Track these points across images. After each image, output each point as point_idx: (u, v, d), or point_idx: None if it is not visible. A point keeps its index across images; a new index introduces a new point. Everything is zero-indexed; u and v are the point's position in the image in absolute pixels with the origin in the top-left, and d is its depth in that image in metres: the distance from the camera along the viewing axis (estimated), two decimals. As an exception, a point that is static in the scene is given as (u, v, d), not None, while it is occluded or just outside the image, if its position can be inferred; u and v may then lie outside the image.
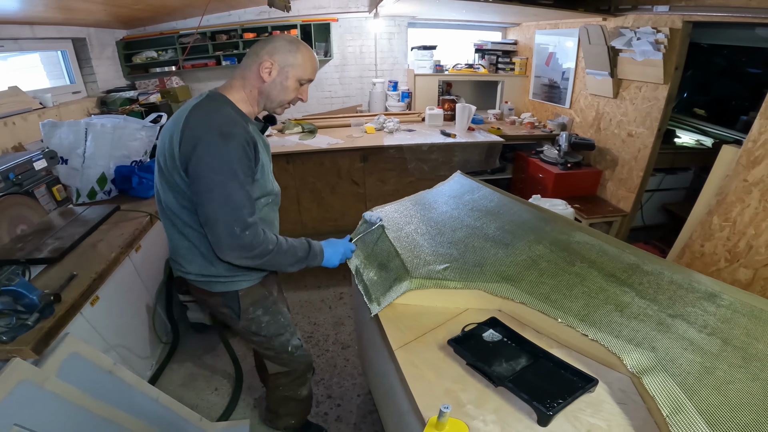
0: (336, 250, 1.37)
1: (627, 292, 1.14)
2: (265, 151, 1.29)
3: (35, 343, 1.11)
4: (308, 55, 1.25)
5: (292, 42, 1.23)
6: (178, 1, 2.83)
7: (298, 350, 1.57)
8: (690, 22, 2.44)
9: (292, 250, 1.24)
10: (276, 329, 1.46)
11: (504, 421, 0.90)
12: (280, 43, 1.21)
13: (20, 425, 1.06)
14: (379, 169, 3.31)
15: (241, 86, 1.22)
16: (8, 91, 2.36)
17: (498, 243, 1.38)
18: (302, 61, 1.22)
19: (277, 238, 1.22)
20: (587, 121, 3.43)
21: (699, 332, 1.02)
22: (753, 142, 1.98)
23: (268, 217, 1.34)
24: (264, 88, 1.22)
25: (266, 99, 1.25)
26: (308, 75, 1.26)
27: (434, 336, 1.13)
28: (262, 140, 1.30)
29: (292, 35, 1.28)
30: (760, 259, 1.94)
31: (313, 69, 1.27)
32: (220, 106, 1.15)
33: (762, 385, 0.90)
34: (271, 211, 1.38)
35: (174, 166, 1.11)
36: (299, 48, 1.23)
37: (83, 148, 1.86)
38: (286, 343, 1.51)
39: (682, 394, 0.88)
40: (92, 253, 1.42)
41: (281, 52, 1.20)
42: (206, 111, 1.11)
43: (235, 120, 1.13)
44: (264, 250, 1.16)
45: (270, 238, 1.18)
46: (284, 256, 1.23)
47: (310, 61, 1.25)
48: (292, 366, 1.58)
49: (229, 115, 1.13)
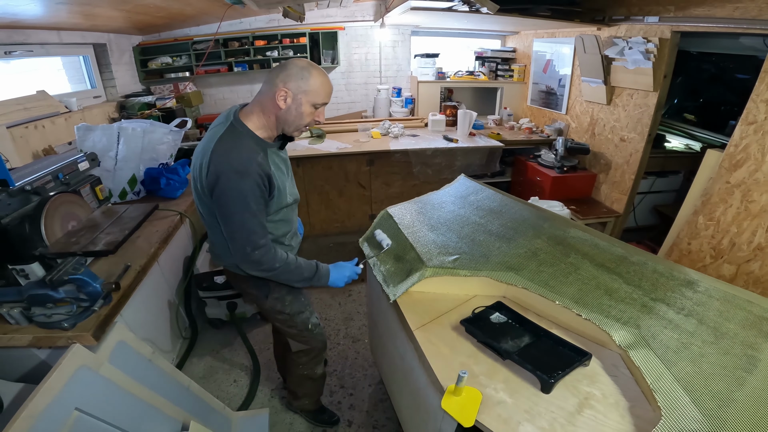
0: (342, 273, 1.48)
1: (615, 279, 1.29)
2: (281, 170, 1.41)
3: (95, 329, 1.22)
4: (321, 80, 1.29)
5: (305, 68, 1.27)
6: (195, 10, 2.96)
7: (317, 328, 1.73)
8: (678, 32, 2.58)
9: (298, 270, 1.40)
10: (298, 307, 1.63)
11: (512, 389, 1.05)
12: (294, 70, 1.26)
13: (80, 409, 1.12)
14: (385, 173, 3.46)
15: (261, 112, 1.31)
16: (37, 96, 2.50)
17: (501, 238, 1.54)
18: (315, 87, 1.28)
19: (286, 257, 1.38)
20: (582, 127, 3.58)
21: (677, 313, 1.17)
22: (735, 146, 2.14)
23: (287, 217, 1.50)
24: (280, 114, 1.30)
25: (284, 124, 1.33)
26: (322, 99, 1.31)
27: (448, 318, 1.28)
28: (279, 160, 1.41)
29: (305, 61, 1.31)
30: (742, 255, 2.10)
31: (326, 93, 1.32)
32: (240, 141, 1.27)
33: (732, 358, 1.05)
34: (291, 212, 1.53)
35: (203, 190, 1.29)
36: (311, 74, 1.27)
37: (116, 150, 2.00)
38: (306, 321, 1.67)
39: (662, 365, 1.04)
40: (134, 248, 1.57)
41: (294, 80, 1.26)
42: (227, 149, 1.25)
43: (250, 158, 1.25)
44: (270, 267, 1.35)
45: (278, 258, 1.35)
46: (290, 274, 1.40)
47: (323, 87, 1.29)
48: (311, 343, 1.74)
49: (246, 152, 1.26)
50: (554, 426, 0.94)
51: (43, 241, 1.28)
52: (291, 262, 1.39)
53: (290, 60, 1.31)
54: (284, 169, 1.45)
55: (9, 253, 1.24)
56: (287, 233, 1.55)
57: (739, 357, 1.05)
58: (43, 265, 1.28)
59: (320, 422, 2.02)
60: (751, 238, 2.05)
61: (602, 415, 0.97)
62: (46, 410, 1.00)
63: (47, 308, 1.17)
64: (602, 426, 0.95)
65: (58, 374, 1.06)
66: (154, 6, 2.55)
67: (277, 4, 2.84)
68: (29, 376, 1.36)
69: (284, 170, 1.45)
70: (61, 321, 1.18)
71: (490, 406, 1.00)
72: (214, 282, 2.41)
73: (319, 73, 1.29)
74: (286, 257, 1.38)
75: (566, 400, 1.01)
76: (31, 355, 1.35)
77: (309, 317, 1.69)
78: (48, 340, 1.19)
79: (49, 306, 1.17)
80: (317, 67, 1.30)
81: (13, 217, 1.25)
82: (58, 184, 1.52)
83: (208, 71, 3.98)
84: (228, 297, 2.50)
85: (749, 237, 2.06)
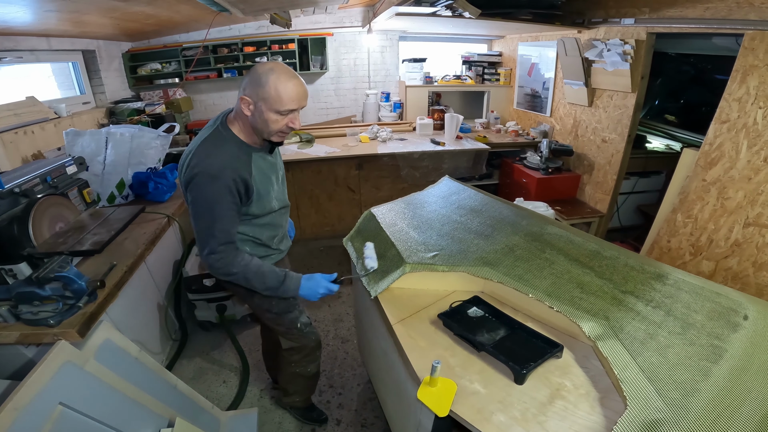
0: (315, 288, 1.42)
1: (588, 273, 1.34)
2: (266, 175, 1.40)
3: (80, 326, 1.24)
4: (280, 87, 1.22)
5: (264, 74, 1.22)
6: (184, 17, 3.00)
7: (307, 327, 1.73)
8: (653, 34, 2.65)
9: (260, 278, 1.37)
10: (285, 307, 1.63)
11: (486, 380, 1.08)
12: (254, 77, 1.23)
13: (64, 404, 1.14)
14: (374, 177, 3.49)
15: (239, 118, 1.32)
16: (26, 102, 2.51)
17: (480, 235, 1.58)
18: (272, 94, 1.22)
19: (248, 263, 1.35)
20: (566, 129, 3.65)
21: (646, 305, 1.22)
22: (709, 145, 2.21)
23: (274, 222, 1.52)
24: (249, 121, 1.29)
25: (257, 130, 1.31)
26: (284, 106, 1.24)
27: (426, 313, 1.32)
28: (266, 165, 1.41)
29: (269, 64, 1.25)
30: (720, 251, 2.16)
31: (289, 99, 1.24)
32: (221, 145, 1.28)
33: (697, 349, 1.08)
34: (279, 217, 1.54)
35: (183, 189, 1.31)
36: (268, 80, 1.21)
37: (104, 155, 2.03)
38: (295, 320, 1.67)
39: (629, 355, 1.07)
40: (121, 249, 1.60)
41: (253, 86, 1.23)
42: (207, 151, 1.27)
43: (225, 163, 1.25)
44: (226, 272, 1.33)
45: (237, 263, 1.32)
46: (251, 282, 1.37)
47: (284, 92, 1.22)
48: (302, 341, 1.74)
49: (223, 157, 1.26)
50: (526, 416, 0.97)
51: (30, 242, 1.31)
52: (251, 269, 1.35)
53: (256, 64, 1.28)
54: (271, 175, 1.44)
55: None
56: (274, 237, 1.57)
57: (704, 347, 1.08)
58: (31, 265, 1.31)
59: (309, 420, 2.04)
60: (728, 235, 2.11)
61: (572, 405, 1.00)
62: (30, 404, 1.02)
63: (34, 306, 1.19)
64: (572, 416, 0.97)
65: (43, 369, 1.08)
66: (143, 13, 2.59)
67: (263, 12, 2.89)
68: (17, 374, 1.38)
69: (271, 175, 1.44)
70: (48, 318, 1.20)
71: (465, 397, 1.03)
72: (203, 285, 2.43)
73: (279, 78, 1.22)
74: (248, 263, 1.35)
75: (538, 391, 1.04)
76: (18, 354, 1.37)
77: (298, 317, 1.69)
78: (34, 337, 1.22)
79: (35, 303, 1.19)
80: (279, 71, 1.23)
81: (2, 218, 1.28)
82: (47, 187, 1.54)
83: (197, 77, 4.02)
84: (217, 299, 2.52)
85: (726, 233, 2.12)
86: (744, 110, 2.06)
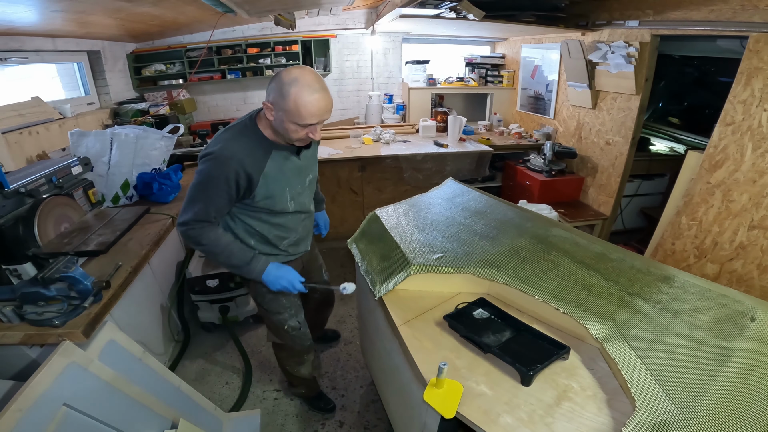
0: (279, 278, 1.45)
1: (594, 275, 1.33)
2: (285, 175, 1.41)
3: (85, 326, 1.24)
4: (300, 102, 1.20)
5: (289, 84, 1.20)
6: (188, 18, 3.01)
7: (295, 331, 1.75)
8: (658, 36, 2.64)
9: (226, 254, 1.40)
10: (276, 307, 1.67)
11: (493, 381, 1.08)
12: (278, 85, 1.22)
13: (68, 404, 1.14)
14: (377, 179, 3.49)
15: (266, 118, 1.33)
16: (31, 102, 2.52)
17: (485, 237, 1.58)
18: (293, 107, 1.21)
19: (217, 238, 1.38)
20: (569, 131, 3.64)
21: (653, 307, 1.21)
22: (714, 147, 2.20)
23: (287, 224, 1.53)
24: (272, 124, 1.32)
25: (278, 135, 1.34)
26: (303, 121, 1.23)
27: (431, 315, 1.31)
28: (288, 164, 1.41)
29: (296, 72, 1.22)
30: (725, 254, 2.15)
31: (309, 114, 1.22)
32: (240, 137, 1.33)
33: (705, 351, 1.08)
34: (294, 221, 1.55)
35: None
36: (290, 93, 1.20)
37: (109, 156, 2.03)
38: (282, 322, 1.71)
39: (636, 357, 1.07)
40: (125, 250, 1.60)
41: (275, 94, 1.23)
42: (226, 138, 1.33)
43: (234, 154, 1.29)
44: (196, 242, 1.37)
45: (207, 236, 1.36)
46: (218, 256, 1.40)
47: (305, 107, 1.20)
48: (287, 342, 1.78)
49: (236, 148, 1.30)
50: (533, 417, 0.97)
51: (36, 242, 1.31)
52: (220, 245, 1.38)
53: (281, 71, 1.24)
54: (292, 176, 1.45)
55: (2, 253, 1.27)
56: (284, 239, 1.56)
57: (712, 349, 1.07)
58: (36, 266, 1.31)
59: (316, 408, 2.09)
60: (732, 237, 2.10)
61: (580, 407, 1.00)
62: (34, 405, 1.02)
63: (39, 306, 1.19)
64: (579, 417, 0.97)
65: (47, 370, 1.08)
66: (148, 14, 2.59)
67: (268, 13, 2.89)
68: (20, 375, 1.38)
69: (291, 177, 1.44)
70: (52, 318, 1.20)
71: (471, 398, 1.02)
72: (206, 286, 2.44)
73: (301, 91, 1.20)
74: (217, 238, 1.38)
75: (545, 393, 1.04)
76: (22, 354, 1.37)
77: (286, 319, 1.71)
78: (39, 337, 1.21)
79: (40, 304, 1.19)
80: (302, 84, 1.20)
81: (7, 218, 1.28)
82: (52, 187, 1.54)
83: (201, 78, 4.03)
84: (220, 300, 2.52)
85: (731, 236, 2.11)
86: (749, 113, 2.05)
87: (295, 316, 1.74)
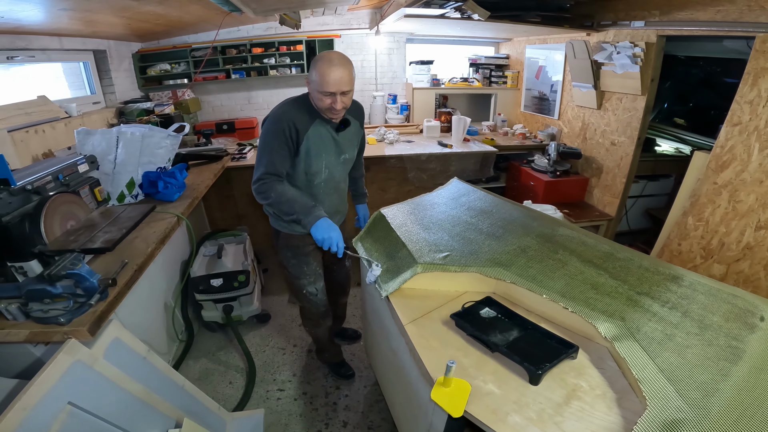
0: (325, 232, 1.53)
1: (602, 274, 1.32)
2: (324, 142, 1.65)
3: (91, 324, 1.22)
4: (322, 71, 1.49)
5: (317, 60, 1.52)
6: (194, 17, 3.02)
7: (312, 296, 1.97)
8: (664, 36, 2.64)
9: (289, 204, 1.57)
10: (297, 273, 1.91)
11: (501, 380, 1.07)
12: (313, 61, 1.55)
13: (73, 403, 1.13)
14: (381, 179, 3.49)
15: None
16: (37, 101, 2.53)
17: (491, 236, 1.57)
18: (315, 77, 1.51)
19: (282, 191, 1.57)
20: (574, 132, 3.64)
21: (662, 306, 1.20)
22: (721, 147, 2.19)
23: (316, 194, 1.74)
24: (310, 96, 1.61)
25: (315, 105, 1.60)
26: (324, 88, 1.50)
27: (438, 313, 1.31)
28: (327, 135, 1.65)
29: (327, 53, 1.56)
30: (732, 255, 2.14)
31: (326, 83, 1.49)
32: (293, 103, 1.62)
33: (716, 350, 1.07)
34: (322, 192, 1.76)
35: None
36: (316, 65, 1.51)
37: (114, 154, 2.03)
38: (302, 287, 1.94)
39: (647, 356, 1.06)
40: (131, 248, 1.59)
41: (310, 68, 1.55)
42: (282, 104, 1.63)
43: (286, 112, 1.58)
44: (265, 197, 1.59)
45: (275, 190, 1.56)
46: (281, 206, 1.58)
47: (323, 77, 1.49)
48: (305, 304, 2.03)
49: (288, 108, 1.60)
50: (542, 416, 0.96)
51: (42, 239, 1.31)
52: (284, 195, 1.57)
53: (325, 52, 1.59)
54: (330, 145, 1.68)
55: (9, 251, 1.26)
56: None
57: (723, 348, 1.07)
58: (42, 263, 1.31)
59: (338, 374, 2.32)
60: (739, 238, 2.09)
61: (589, 406, 0.99)
62: (39, 403, 1.01)
63: (44, 304, 1.19)
64: (589, 416, 0.96)
65: (52, 368, 1.07)
66: (153, 13, 2.60)
67: (274, 12, 2.90)
68: (24, 373, 1.38)
69: (329, 145, 1.68)
70: (58, 316, 1.19)
71: (479, 397, 1.01)
72: (210, 285, 2.44)
73: (323, 64, 1.49)
74: (284, 191, 1.58)
75: (554, 392, 1.03)
76: (26, 352, 1.37)
77: (305, 285, 1.93)
78: (44, 335, 1.21)
79: (46, 301, 1.18)
80: (326, 59, 1.50)
81: (14, 215, 1.28)
82: (58, 185, 1.54)
83: (206, 78, 4.03)
84: (224, 300, 2.52)
85: (738, 236, 2.10)
86: (756, 113, 2.04)
87: (314, 283, 1.94)
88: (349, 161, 1.84)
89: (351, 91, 1.58)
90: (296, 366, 2.42)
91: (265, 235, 2.04)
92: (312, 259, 1.90)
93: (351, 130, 1.76)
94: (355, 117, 1.80)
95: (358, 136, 1.88)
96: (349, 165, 1.87)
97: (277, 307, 2.95)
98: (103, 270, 1.41)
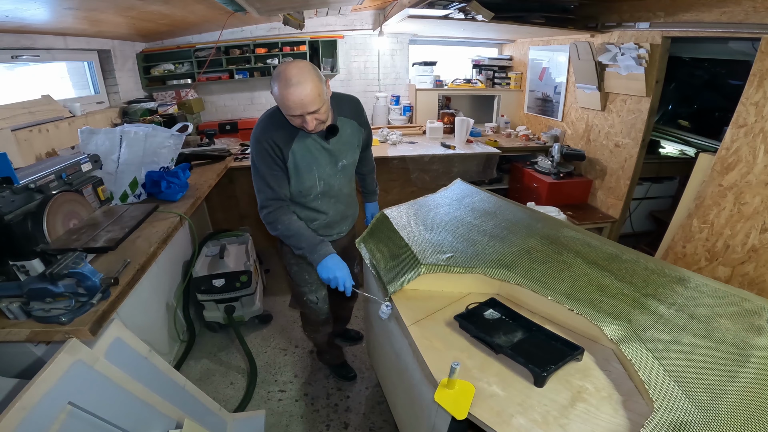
0: (332, 272, 1.46)
1: (607, 276, 1.31)
2: (312, 155, 1.52)
3: (92, 324, 1.22)
4: (280, 93, 1.29)
5: (274, 78, 1.31)
6: (198, 17, 3.02)
7: (312, 304, 1.93)
8: (668, 38, 2.62)
9: (296, 238, 1.51)
10: (299, 280, 1.86)
11: (505, 382, 1.06)
12: (273, 76, 1.32)
13: (73, 403, 1.12)
14: (383, 180, 3.47)
15: None
16: (41, 100, 2.53)
17: (495, 237, 1.56)
18: (279, 99, 1.32)
19: (289, 223, 1.51)
20: (578, 133, 3.62)
21: (668, 308, 1.19)
22: (726, 149, 2.17)
23: (316, 207, 1.65)
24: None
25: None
26: (286, 112, 1.34)
27: (442, 315, 1.29)
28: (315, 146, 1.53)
29: (283, 66, 1.30)
30: (737, 257, 2.12)
31: (287, 107, 1.31)
32: (272, 118, 1.49)
33: (723, 352, 1.06)
34: (323, 203, 1.66)
35: None
36: (275, 87, 1.31)
37: (118, 154, 2.03)
38: (302, 294, 1.91)
39: (653, 358, 1.05)
40: (133, 248, 1.59)
41: (272, 84, 1.33)
42: (260, 120, 1.51)
43: (265, 130, 1.46)
44: (273, 227, 1.54)
45: (282, 221, 1.51)
46: (288, 240, 1.54)
47: (283, 100, 1.30)
48: (305, 311, 2.00)
49: (267, 125, 1.47)
50: (547, 419, 0.95)
51: (44, 238, 1.30)
52: (290, 228, 1.51)
53: (284, 62, 1.39)
54: (320, 156, 1.55)
55: (11, 249, 1.26)
56: (314, 221, 1.69)
57: (730, 350, 1.06)
58: (44, 262, 1.31)
59: (339, 376, 2.31)
60: (744, 240, 2.07)
61: (595, 408, 0.98)
62: (39, 403, 1.00)
63: (46, 303, 1.18)
64: (595, 419, 0.95)
65: (53, 368, 1.07)
66: (158, 13, 2.61)
67: (278, 11, 2.90)
68: (24, 373, 1.37)
69: (319, 157, 1.55)
70: (59, 315, 1.19)
71: (483, 399, 1.00)
72: (212, 285, 2.43)
73: (280, 85, 1.28)
74: (290, 224, 1.51)
75: (559, 394, 1.02)
76: (26, 352, 1.37)
77: (306, 293, 1.89)
78: (45, 334, 1.20)
79: (47, 300, 1.18)
80: (282, 77, 1.28)
81: (16, 213, 1.28)
82: (61, 184, 1.54)
83: (209, 78, 4.03)
84: (226, 300, 2.51)
85: (743, 239, 2.08)
86: (761, 114, 2.03)
87: (315, 292, 1.90)
88: (349, 166, 1.69)
89: (322, 106, 1.35)
90: (298, 367, 2.41)
91: (267, 235, 2.01)
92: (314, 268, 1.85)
93: (346, 133, 1.61)
94: (348, 116, 1.63)
95: (358, 134, 1.70)
96: (350, 169, 1.73)
97: (279, 307, 2.94)
98: (105, 269, 1.41)
